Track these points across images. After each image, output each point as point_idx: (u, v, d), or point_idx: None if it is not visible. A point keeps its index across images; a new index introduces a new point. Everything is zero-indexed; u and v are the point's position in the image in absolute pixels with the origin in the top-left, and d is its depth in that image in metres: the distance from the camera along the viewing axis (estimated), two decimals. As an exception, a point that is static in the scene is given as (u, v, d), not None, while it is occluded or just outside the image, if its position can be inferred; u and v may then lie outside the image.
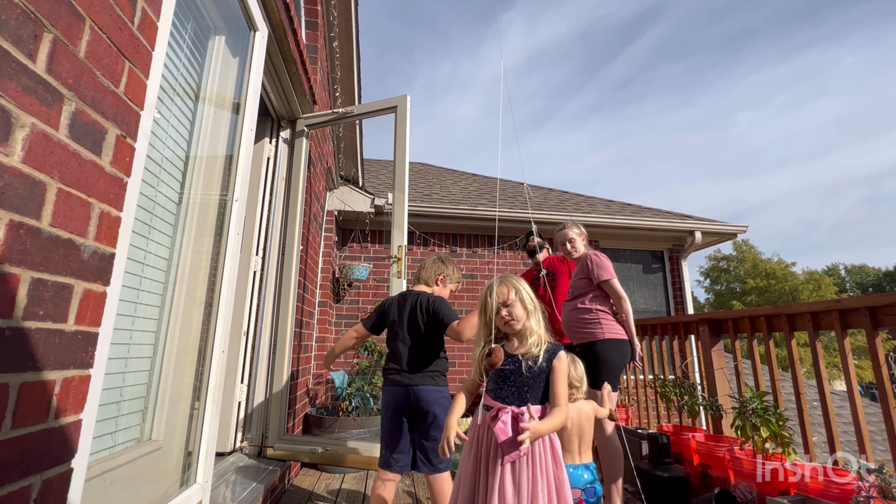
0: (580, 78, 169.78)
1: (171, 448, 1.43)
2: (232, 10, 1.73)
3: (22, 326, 0.68)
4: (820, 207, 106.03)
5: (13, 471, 0.67)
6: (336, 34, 3.53)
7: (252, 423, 2.48)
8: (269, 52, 2.12)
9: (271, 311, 2.62)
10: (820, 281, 28.64)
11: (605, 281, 2.36)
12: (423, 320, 1.95)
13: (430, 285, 2.12)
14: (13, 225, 0.66)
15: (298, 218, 2.73)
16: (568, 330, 2.51)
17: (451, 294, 2.19)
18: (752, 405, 1.98)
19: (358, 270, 4.69)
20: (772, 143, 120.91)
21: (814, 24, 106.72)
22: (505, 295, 1.41)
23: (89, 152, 0.82)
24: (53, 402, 0.75)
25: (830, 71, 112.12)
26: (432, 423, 1.85)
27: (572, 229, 2.60)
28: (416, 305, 1.98)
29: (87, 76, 0.80)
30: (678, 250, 5.89)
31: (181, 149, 1.53)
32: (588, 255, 2.47)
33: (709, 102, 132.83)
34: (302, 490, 2.51)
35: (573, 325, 2.45)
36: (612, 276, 2.37)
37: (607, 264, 2.41)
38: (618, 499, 2.19)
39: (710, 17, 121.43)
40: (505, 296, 1.41)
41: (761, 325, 2.39)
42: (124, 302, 1.23)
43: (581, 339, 2.39)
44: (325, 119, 2.85)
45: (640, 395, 3.63)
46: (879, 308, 1.80)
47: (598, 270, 2.37)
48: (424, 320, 1.95)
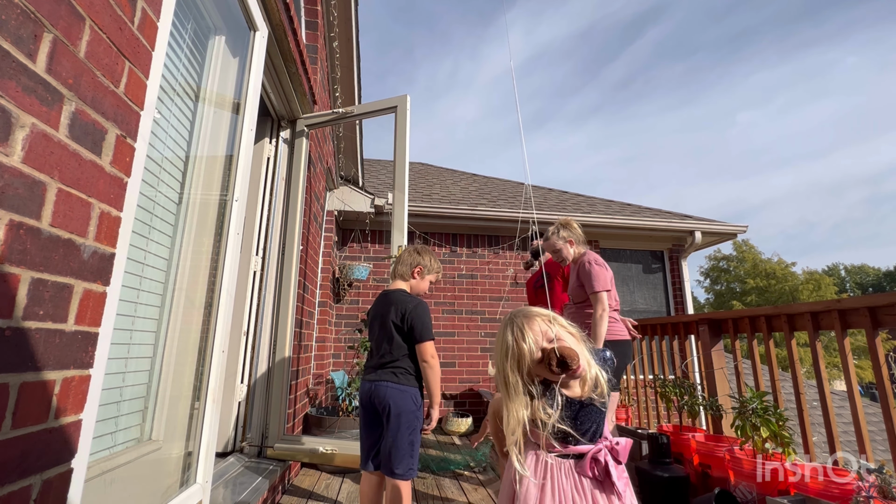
0: (581, 78, 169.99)
1: (170, 448, 1.43)
2: (232, 10, 1.73)
3: (22, 326, 0.68)
4: (820, 207, 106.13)
5: (13, 471, 0.67)
6: (336, 34, 3.53)
7: (252, 423, 2.48)
8: (269, 52, 2.12)
9: (271, 311, 2.62)
10: (820, 281, 28.66)
11: (594, 293, 2.35)
12: (397, 326, 1.82)
13: (406, 279, 2.00)
14: (13, 225, 0.66)
15: (298, 218, 2.73)
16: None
17: (432, 286, 2.08)
18: (752, 405, 1.98)
19: (358, 270, 4.69)
20: (772, 142, 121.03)
21: (815, 23, 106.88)
22: (546, 331, 1.07)
23: (89, 152, 0.82)
24: (53, 402, 0.75)
25: (831, 71, 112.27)
26: (392, 424, 1.72)
27: (555, 239, 2.58)
28: (395, 309, 1.85)
29: (87, 76, 0.80)
30: (678, 250, 5.89)
31: (181, 149, 1.53)
32: (582, 262, 2.46)
33: (709, 102, 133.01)
34: (302, 490, 2.51)
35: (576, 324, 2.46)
36: (602, 288, 2.34)
37: (599, 274, 2.38)
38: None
39: (711, 16, 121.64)
40: (547, 332, 1.07)
41: (761, 325, 2.39)
42: (124, 302, 1.23)
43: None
44: (325, 119, 2.85)
45: (640, 396, 3.63)
46: (879, 308, 1.80)
47: (590, 282, 2.37)
48: (398, 327, 1.82)
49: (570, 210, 5.69)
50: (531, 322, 1.08)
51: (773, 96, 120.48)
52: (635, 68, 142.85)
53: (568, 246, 2.56)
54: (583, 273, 2.44)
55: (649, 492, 2.31)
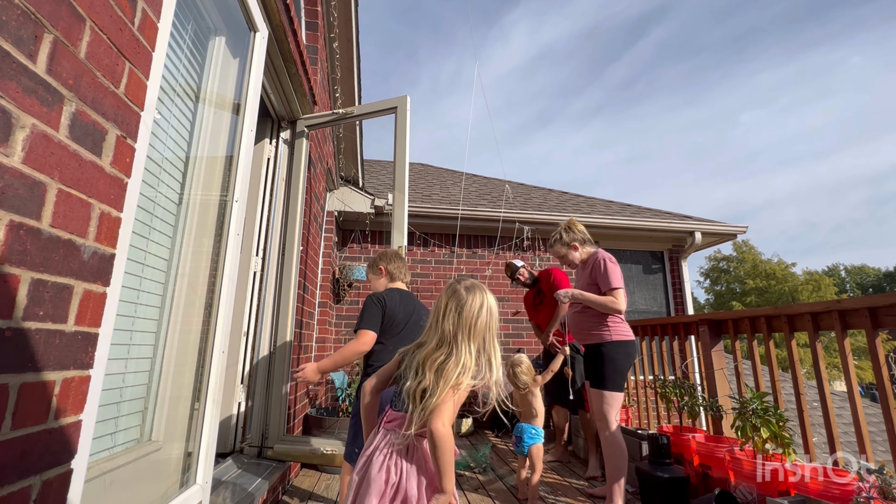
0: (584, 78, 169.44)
1: (170, 449, 1.43)
2: (232, 10, 1.73)
3: (22, 327, 0.68)
4: (822, 208, 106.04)
5: (13, 471, 0.67)
6: (336, 35, 3.54)
7: (252, 423, 2.47)
8: (269, 53, 2.12)
9: (271, 312, 2.62)
10: (820, 281, 28.64)
11: (612, 290, 2.30)
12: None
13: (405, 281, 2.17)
14: (13, 225, 0.66)
15: (298, 218, 2.73)
16: (575, 333, 2.52)
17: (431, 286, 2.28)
18: (753, 406, 1.98)
19: (358, 271, 4.70)
20: (775, 143, 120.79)
21: (819, 23, 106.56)
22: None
23: (89, 153, 0.82)
24: (53, 402, 0.75)
25: (835, 71, 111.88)
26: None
27: (558, 247, 2.53)
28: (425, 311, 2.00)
29: (88, 77, 0.80)
30: (678, 251, 5.89)
31: (181, 149, 1.53)
32: (597, 261, 2.38)
33: (713, 102, 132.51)
34: (302, 490, 2.51)
35: (581, 328, 2.45)
36: (619, 285, 2.30)
37: (615, 272, 2.33)
38: (619, 498, 2.19)
39: (715, 16, 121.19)
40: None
41: (761, 325, 2.39)
42: (124, 302, 1.23)
43: (588, 341, 2.40)
44: (326, 120, 2.86)
45: (641, 396, 3.63)
46: (879, 308, 1.80)
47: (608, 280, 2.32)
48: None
49: (570, 211, 5.69)
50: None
51: (776, 96, 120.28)
52: (639, 68, 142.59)
53: (573, 251, 2.48)
54: (597, 272, 2.35)
55: (649, 492, 2.31)
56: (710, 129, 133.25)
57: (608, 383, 2.27)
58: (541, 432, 2.37)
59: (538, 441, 2.33)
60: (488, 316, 1.19)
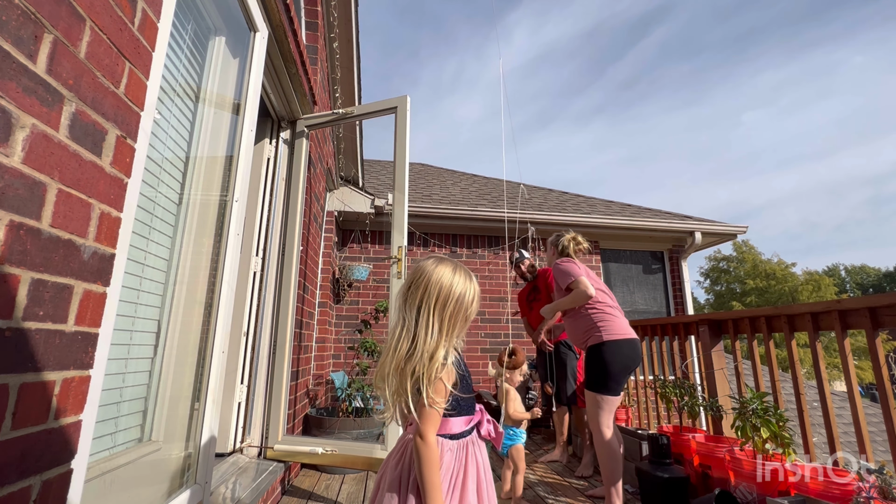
0: (586, 78, 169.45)
1: (170, 449, 1.42)
2: (232, 10, 1.73)
3: (22, 327, 0.68)
4: (823, 208, 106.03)
5: (13, 471, 0.67)
6: (336, 35, 3.54)
7: (252, 423, 2.47)
8: (269, 53, 2.12)
9: (271, 312, 2.62)
10: (820, 281, 28.64)
11: (572, 281, 2.43)
12: None
13: None
14: (13, 225, 0.66)
15: (298, 218, 2.73)
16: (572, 340, 2.58)
17: None
18: (753, 406, 1.98)
19: (358, 271, 4.69)
20: (777, 143, 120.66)
21: (821, 23, 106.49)
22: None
23: (89, 153, 0.82)
24: (53, 402, 0.75)
25: (837, 71, 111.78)
26: None
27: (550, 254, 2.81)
28: None
29: (88, 77, 0.80)
30: (678, 251, 5.89)
31: (181, 149, 1.53)
32: (553, 268, 2.59)
33: (714, 102, 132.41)
34: (302, 490, 2.51)
35: (574, 333, 2.51)
36: (576, 275, 2.43)
37: (569, 267, 2.49)
38: (617, 500, 2.19)
39: (716, 16, 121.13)
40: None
41: (761, 325, 2.39)
42: (124, 302, 1.23)
43: (584, 345, 2.42)
44: (326, 120, 2.85)
45: (640, 396, 3.63)
46: (879, 308, 1.80)
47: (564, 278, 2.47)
48: None
49: (570, 211, 5.69)
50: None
51: (778, 96, 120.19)
52: (640, 68, 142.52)
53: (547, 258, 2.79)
54: (555, 280, 2.55)
55: (649, 492, 2.31)
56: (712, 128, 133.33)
57: (599, 386, 2.27)
58: (519, 433, 2.34)
59: (518, 441, 2.32)
60: (446, 281, 1.05)
